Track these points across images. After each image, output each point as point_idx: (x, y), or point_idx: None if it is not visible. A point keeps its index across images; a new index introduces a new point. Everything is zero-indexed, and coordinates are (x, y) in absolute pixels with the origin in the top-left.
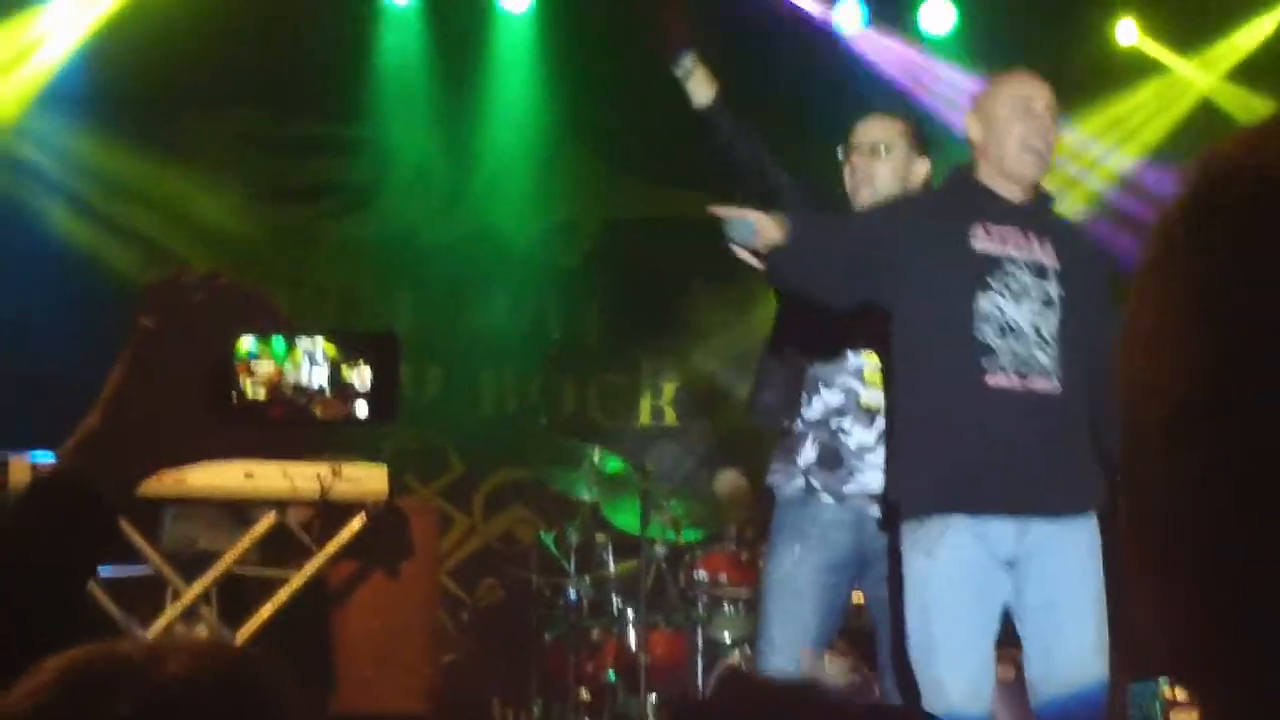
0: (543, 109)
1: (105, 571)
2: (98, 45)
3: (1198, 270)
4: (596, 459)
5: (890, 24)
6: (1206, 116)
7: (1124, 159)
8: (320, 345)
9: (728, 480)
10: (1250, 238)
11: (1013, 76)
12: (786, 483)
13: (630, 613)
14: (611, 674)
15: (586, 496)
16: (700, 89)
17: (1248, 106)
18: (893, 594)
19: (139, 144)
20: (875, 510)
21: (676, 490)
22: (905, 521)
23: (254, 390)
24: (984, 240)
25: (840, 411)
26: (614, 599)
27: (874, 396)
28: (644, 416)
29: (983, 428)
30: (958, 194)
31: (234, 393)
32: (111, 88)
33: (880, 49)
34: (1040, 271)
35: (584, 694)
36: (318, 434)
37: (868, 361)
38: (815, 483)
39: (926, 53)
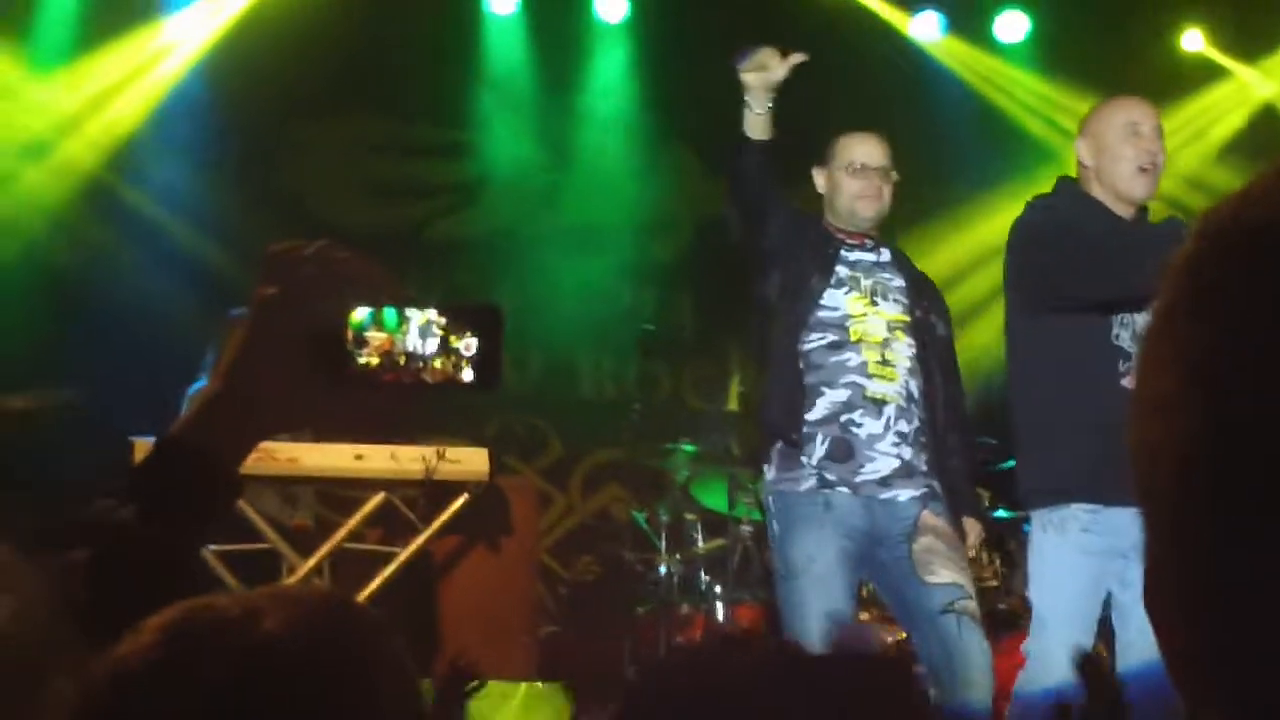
0: (638, 112)
1: (223, 545)
2: (216, 56)
3: (1193, 335)
4: (685, 444)
5: (966, 32)
6: (1269, 121)
7: (1192, 160)
8: (430, 316)
9: None
10: (1243, 303)
11: (1121, 101)
12: (797, 485)
13: (718, 589)
14: None
15: (677, 477)
16: (762, 124)
17: None
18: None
19: (256, 147)
20: (885, 493)
21: (762, 472)
22: (1039, 509)
23: (368, 357)
24: None
25: (849, 406)
26: (702, 575)
27: (879, 388)
28: (733, 402)
29: (1117, 426)
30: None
31: (348, 360)
32: (230, 95)
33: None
34: None
35: None
36: (429, 401)
37: (869, 358)
38: (830, 476)
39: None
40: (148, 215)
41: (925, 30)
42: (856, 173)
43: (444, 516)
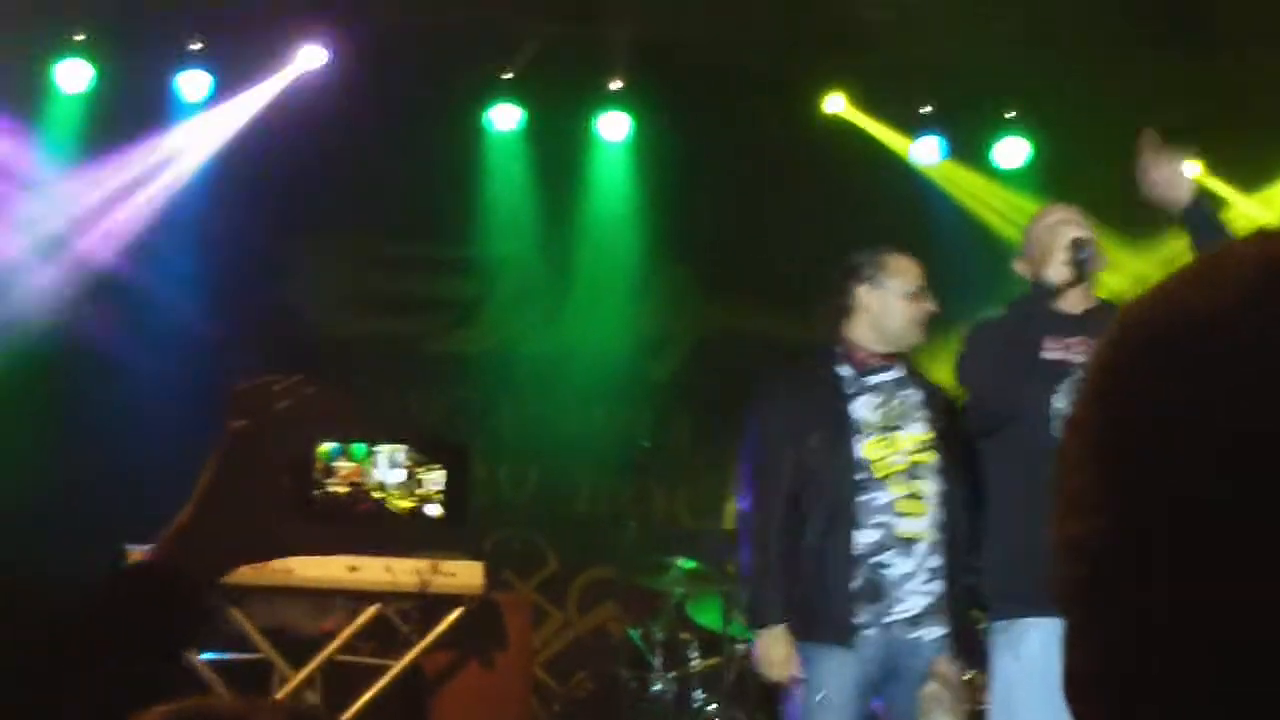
0: (638, 230)
1: (214, 655)
2: (220, 167)
3: (1105, 431)
4: (681, 561)
5: (966, 158)
6: None
7: None
8: (398, 451)
9: None
10: (1150, 401)
11: (1049, 208)
12: (825, 619)
13: (712, 707)
14: None
15: (673, 595)
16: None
17: None
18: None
19: (257, 260)
20: (913, 633)
21: None
22: (993, 623)
23: (336, 487)
24: (1051, 351)
25: (880, 546)
26: (697, 694)
27: (909, 526)
28: (728, 520)
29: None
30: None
31: (315, 490)
32: (231, 206)
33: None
34: None
35: None
36: (395, 532)
37: (895, 494)
38: (859, 619)
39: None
40: (148, 322)
41: (926, 154)
42: (914, 297)
43: (438, 630)
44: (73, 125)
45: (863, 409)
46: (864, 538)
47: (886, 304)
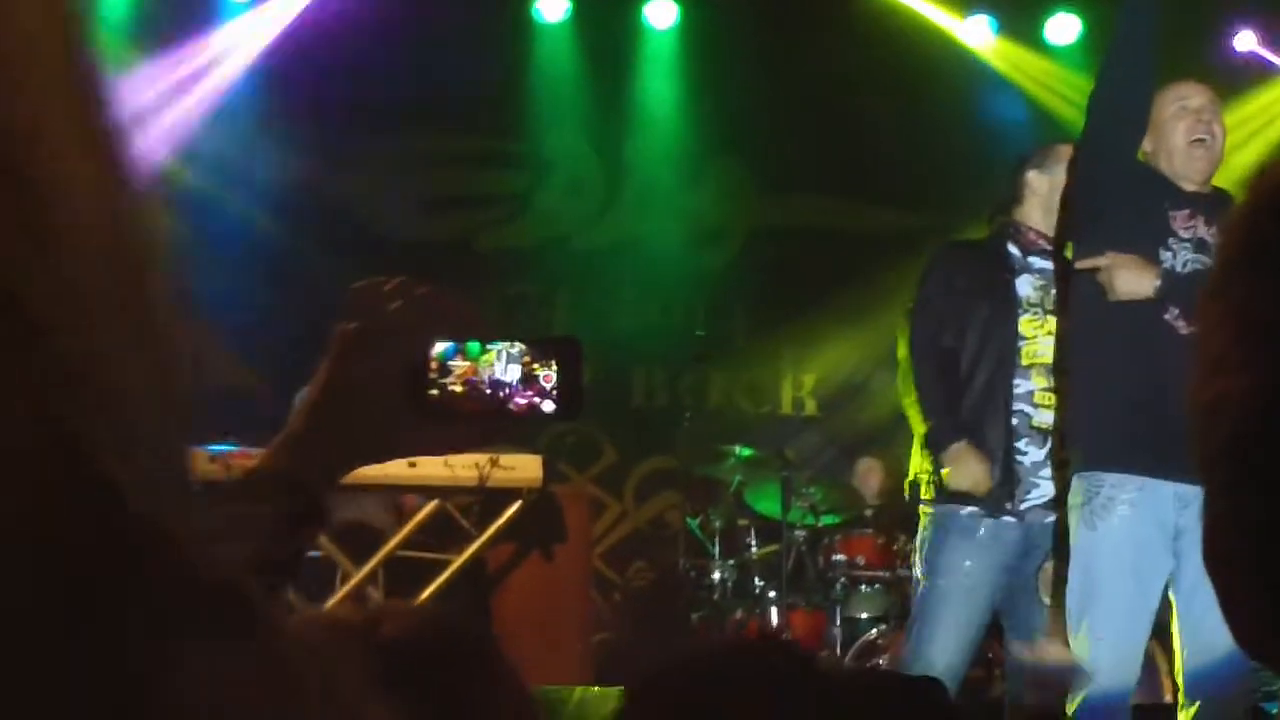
0: (689, 120)
1: None
2: (267, 66)
3: (1248, 292)
4: (738, 449)
5: (1017, 35)
6: None
7: (1249, 161)
8: (513, 346)
9: (865, 467)
10: None
11: (1170, 85)
12: (959, 507)
13: (772, 594)
14: None
15: (730, 483)
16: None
17: None
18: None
19: (308, 158)
20: (1048, 517)
21: (816, 477)
22: (1083, 478)
23: (452, 385)
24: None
25: (1017, 434)
26: (756, 580)
27: (1044, 417)
28: (786, 407)
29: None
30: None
31: (432, 389)
32: (281, 106)
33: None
34: (1200, 247)
35: None
36: (512, 429)
37: (1036, 384)
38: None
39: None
40: (203, 223)
41: (976, 33)
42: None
43: (498, 523)
44: (120, 26)
45: (1025, 286)
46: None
47: (1056, 187)
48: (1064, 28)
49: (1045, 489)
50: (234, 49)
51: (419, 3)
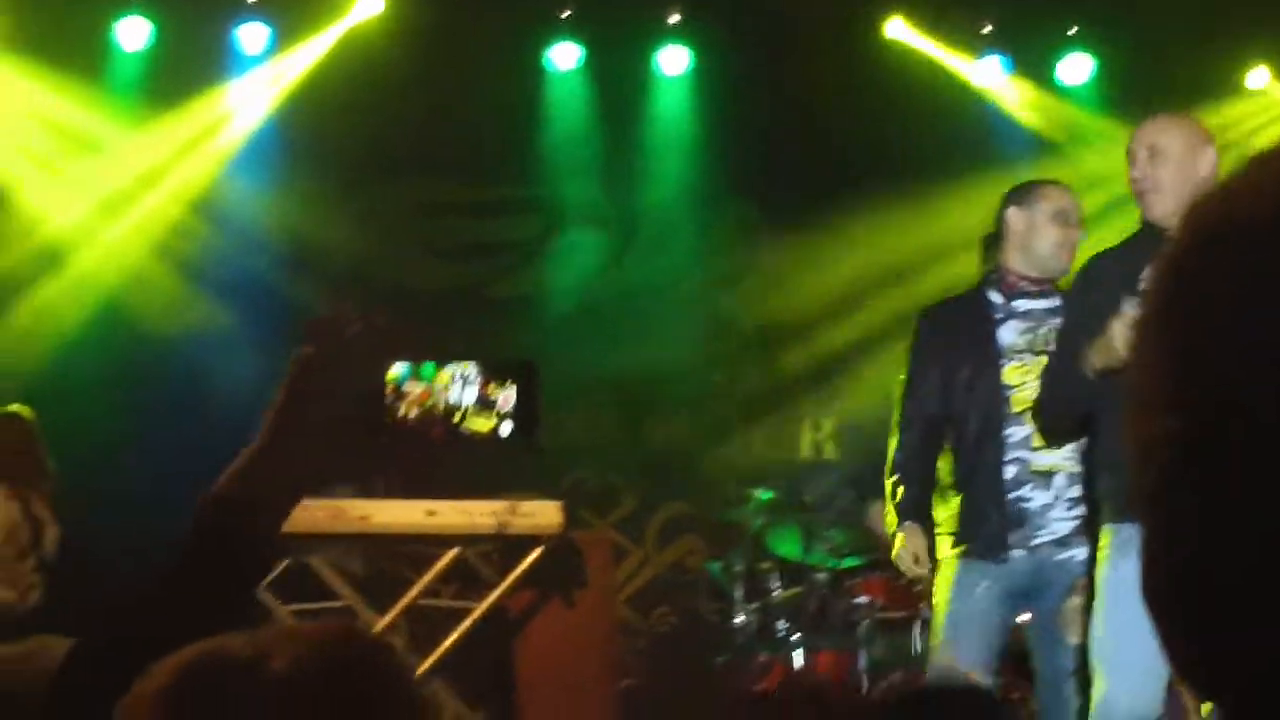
0: (702, 164)
1: (299, 604)
2: (282, 119)
3: (1178, 330)
4: (759, 492)
5: (1029, 75)
6: None
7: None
8: (469, 368)
9: (878, 510)
10: (1226, 296)
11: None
12: (975, 539)
13: (795, 636)
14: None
15: (751, 527)
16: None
17: None
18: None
19: (321, 208)
20: (1060, 554)
21: (836, 520)
22: (1106, 527)
23: (406, 409)
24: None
25: (1018, 481)
26: (779, 624)
27: (1044, 460)
28: (805, 450)
29: None
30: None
31: (387, 412)
32: (294, 158)
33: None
34: None
35: None
36: (469, 453)
37: (1031, 428)
38: (1009, 541)
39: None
40: (215, 276)
41: (988, 75)
42: (1061, 221)
43: (518, 570)
44: (134, 83)
45: (1009, 333)
46: (1003, 472)
47: (1034, 226)
48: (1077, 68)
49: (1056, 528)
50: (247, 102)
51: (430, 52)
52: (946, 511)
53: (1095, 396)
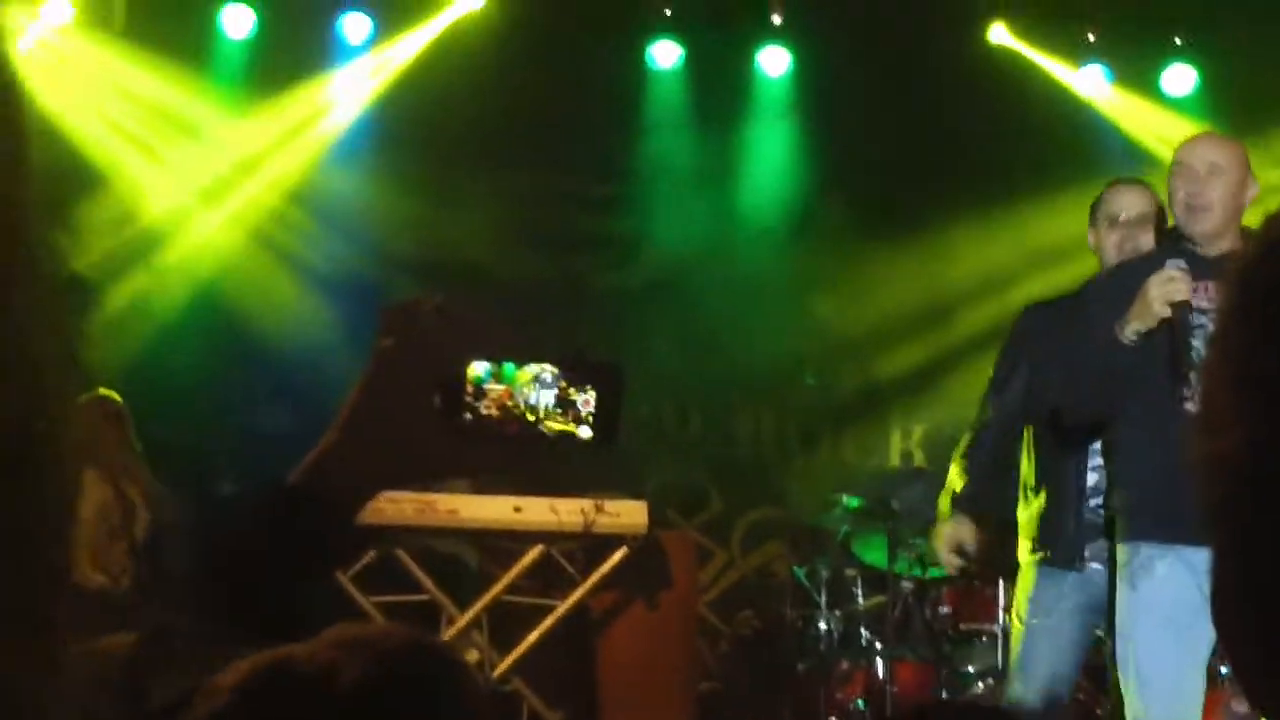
0: (800, 165)
1: (384, 597)
2: (382, 110)
3: (1244, 344)
4: (846, 498)
5: (1132, 85)
6: None
7: None
8: (549, 370)
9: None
10: None
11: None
12: (1055, 547)
13: (878, 645)
14: (860, 703)
15: (837, 533)
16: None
17: None
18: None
19: (419, 199)
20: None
21: (923, 528)
22: (1126, 548)
23: (487, 409)
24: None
25: (1097, 490)
26: (863, 631)
27: None
28: (894, 458)
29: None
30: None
31: (467, 410)
32: (393, 149)
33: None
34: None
35: None
36: (546, 453)
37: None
38: (1086, 553)
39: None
40: (311, 265)
41: (1090, 84)
42: (1118, 225)
43: (603, 569)
44: (238, 71)
45: None
46: (1087, 479)
47: (1099, 238)
48: (1180, 79)
49: None
50: (347, 93)
51: (532, 49)
52: (1027, 513)
53: (1114, 397)
